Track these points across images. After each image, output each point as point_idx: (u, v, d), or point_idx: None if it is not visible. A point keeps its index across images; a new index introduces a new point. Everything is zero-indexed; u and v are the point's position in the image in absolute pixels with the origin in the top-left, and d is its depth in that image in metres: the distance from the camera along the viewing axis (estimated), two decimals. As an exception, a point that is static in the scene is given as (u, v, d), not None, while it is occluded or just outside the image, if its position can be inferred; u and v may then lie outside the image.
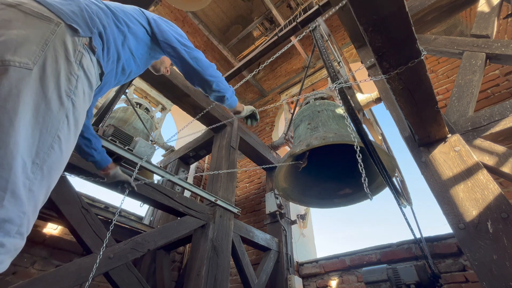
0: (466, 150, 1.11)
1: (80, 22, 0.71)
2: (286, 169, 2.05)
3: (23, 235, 0.56)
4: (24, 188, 0.55)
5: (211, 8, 5.96)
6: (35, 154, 0.58)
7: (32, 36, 0.60)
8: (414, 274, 1.87)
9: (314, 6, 2.01)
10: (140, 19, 1.04)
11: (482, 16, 1.58)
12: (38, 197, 0.59)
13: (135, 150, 2.00)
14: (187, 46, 1.14)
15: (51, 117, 0.61)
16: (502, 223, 0.91)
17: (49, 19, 0.64)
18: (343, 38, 5.15)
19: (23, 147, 0.55)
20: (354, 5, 0.76)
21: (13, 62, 0.55)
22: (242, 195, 4.21)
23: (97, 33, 0.78)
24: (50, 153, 0.61)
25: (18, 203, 0.54)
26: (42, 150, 0.59)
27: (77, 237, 1.51)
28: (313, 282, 2.86)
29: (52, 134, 0.61)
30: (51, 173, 0.62)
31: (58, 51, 0.64)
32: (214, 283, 1.88)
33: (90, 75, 0.74)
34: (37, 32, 0.61)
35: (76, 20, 0.71)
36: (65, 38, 0.66)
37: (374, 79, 1.30)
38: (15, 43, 0.57)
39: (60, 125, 0.63)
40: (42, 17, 0.63)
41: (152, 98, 3.59)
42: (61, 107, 0.63)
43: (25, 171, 0.55)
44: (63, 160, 0.67)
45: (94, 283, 2.66)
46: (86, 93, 0.73)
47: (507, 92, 2.45)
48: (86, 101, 0.74)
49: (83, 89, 0.71)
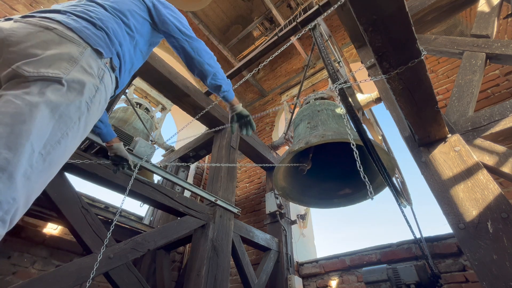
0: (466, 150, 1.11)
1: (103, 45, 0.84)
2: (285, 168, 2.05)
3: (5, 223, 0.54)
4: (23, 175, 0.57)
5: (211, 8, 5.96)
6: (43, 145, 0.62)
7: (65, 55, 0.72)
8: (414, 274, 1.87)
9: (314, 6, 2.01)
10: (142, 13, 1.08)
11: (482, 16, 1.58)
12: (33, 188, 0.61)
13: (135, 150, 2.00)
14: (188, 35, 1.17)
15: (66, 116, 0.68)
16: (502, 223, 0.91)
17: (79, 43, 0.77)
18: (343, 38, 5.15)
19: (35, 136, 0.60)
20: (354, 5, 0.76)
21: (47, 73, 0.66)
22: (242, 195, 4.21)
23: (116, 53, 0.90)
24: (56, 147, 0.66)
25: (12, 187, 0.54)
26: (50, 143, 0.64)
27: (77, 237, 1.51)
28: (313, 282, 2.86)
29: (63, 130, 0.68)
30: (51, 166, 0.65)
31: (85, 68, 0.76)
32: (214, 283, 1.88)
33: (107, 89, 0.86)
34: (68, 52, 0.73)
35: (101, 45, 0.84)
36: (90, 58, 0.79)
37: (374, 79, 1.30)
38: (50, 60, 0.68)
39: (71, 124, 0.70)
40: (73, 40, 0.76)
41: (152, 98, 3.59)
42: (79, 110, 0.72)
43: (30, 159, 0.59)
44: (65, 157, 0.71)
45: (94, 283, 2.66)
46: (101, 104, 0.83)
47: (507, 92, 2.45)
48: (99, 110, 0.84)
49: (100, 100, 0.82)
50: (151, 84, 2.42)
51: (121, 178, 1.74)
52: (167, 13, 1.14)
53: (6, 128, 0.56)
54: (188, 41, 1.16)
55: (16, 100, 0.60)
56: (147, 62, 2.16)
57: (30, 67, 0.65)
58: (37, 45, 0.69)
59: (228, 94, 1.32)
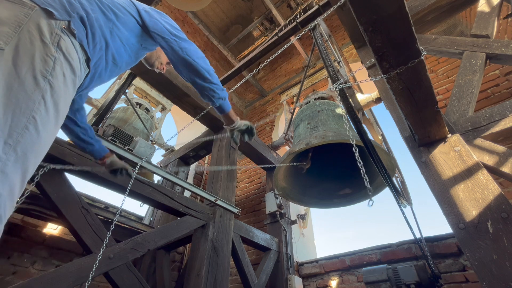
0: (466, 150, 1.11)
1: (56, 6, 0.71)
2: (285, 169, 2.05)
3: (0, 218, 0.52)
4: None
5: (211, 8, 5.96)
6: (7, 134, 0.56)
7: (5, 19, 0.60)
8: (414, 274, 1.87)
9: (314, 6, 2.01)
10: (130, 9, 1.03)
11: (482, 16, 1.58)
12: (13, 180, 0.57)
13: (135, 150, 2.00)
14: (178, 36, 1.11)
15: (24, 98, 0.59)
16: (502, 223, 0.91)
17: (23, 2, 0.64)
18: (343, 38, 5.15)
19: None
20: (354, 5, 0.76)
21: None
22: (242, 195, 4.21)
23: (78, 18, 0.77)
24: (24, 134, 0.59)
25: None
26: (15, 130, 0.57)
27: (77, 237, 1.51)
28: (313, 282, 2.86)
29: (27, 114, 0.59)
30: (26, 155, 0.59)
31: (32, 33, 0.63)
32: (214, 283, 1.88)
33: (71, 59, 0.73)
34: (10, 15, 0.61)
35: (52, 4, 0.70)
36: (39, 21, 0.66)
37: (374, 79, 1.30)
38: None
39: (35, 106, 0.61)
40: (16, 1, 0.63)
41: (152, 98, 3.58)
42: (36, 87, 0.62)
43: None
44: (42, 142, 0.65)
45: (94, 283, 2.66)
46: (67, 77, 0.71)
47: (507, 92, 2.45)
48: (68, 85, 0.72)
49: (63, 72, 0.70)
50: (151, 84, 2.42)
51: (121, 178, 1.74)
52: (159, 17, 1.11)
53: None
54: (177, 40, 1.09)
55: None
56: (147, 62, 2.16)
57: None
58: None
59: (224, 103, 1.20)
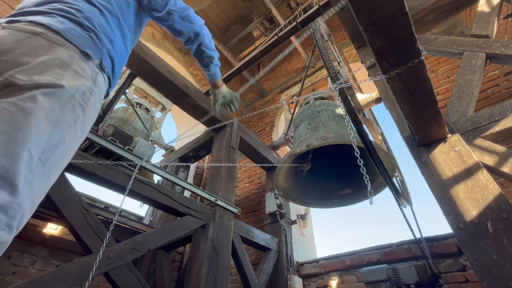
0: (466, 150, 1.11)
1: (91, 46, 0.83)
2: (286, 169, 2.06)
3: (12, 229, 0.55)
4: (24, 182, 0.58)
5: (211, 8, 5.96)
6: (41, 150, 0.63)
7: (56, 60, 0.72)
8: (414, 274, 1.87)
9: (314, 6, 2.01)
10: None
11: (482, 16, 1.58)
12: (36, 193, 0.62)
13: (135, 150, 2.00)
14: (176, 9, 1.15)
15: (62, 121, 0.70)
16: (502, 223, 0.91)
17: (69, 46, 0.76)
18: (343, 38, 5.15)
19: (32, 143, 0.61)
20: (354, 5, 0.76)
21: (40, 80, 0.66)
22: (242, 195, 4.21)
23: (106, 53, 0.89)
24: (54, 152, 0.67)
25: (15, 194, 0.55)
26: (48, 148, 0.65)
27: (77, 237, 1.51)
28: (313, 282, 2.86)
29: (60, 135, 0.69)
30: (51, 170, 0.67)
31: (77, 71, 0.76)
32: (214, 283, 1.88)
33: (101, 90, 0.86)
34: (59, 57, 0.73)
35: (89, 45, 0.82)
36: (82, 61, 0.79)
37: (374, 79, 1.30)
38: (42, 67, 0.69)
39: (68, 128, 0.72)
40: (62, 44, 0.75)
41: (152, 98, 3.58)
42: (73, 113, 0.73)
43: (29, 165, 0.60)
44: (64, 161, 0.72)
45: (94, 283, 2.66)
46: (96, 106, 0.84)
47: (507, 92, 2.45)
48: (95, 113, 0.85)
49: (95, 102, 0.82)
50: (151, 84, 2.42)
51: (121, 178, 1.74)
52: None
53: (3, 136, 0.57)
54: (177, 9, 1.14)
55: (11, 108, 0.61)
56: (147, 62, 2.16)
57: (23, 75, 0.65)
58: (27, 53, 0.69)
59: (218, 70, 1.29)
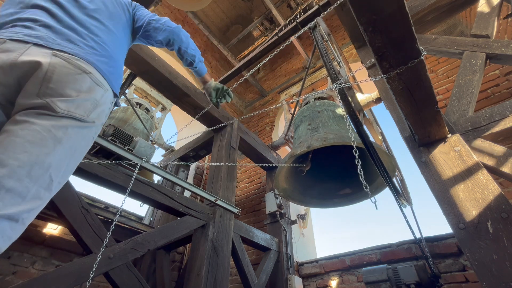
0: (466, 150, 1.11)
1: (116, 87, 0.98)
2: (286, 170, 2.06)
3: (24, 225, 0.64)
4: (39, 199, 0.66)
5: (211, 8, 5.96)
6: (61, 175, 0.73)
7: (92, 99, 0.83)
8: (414, 274, 1.87)
9: (314, 6, 2.01)
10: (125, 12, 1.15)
11: (482, 16, 1.58)
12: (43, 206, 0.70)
13: (135, 150, 2.00)
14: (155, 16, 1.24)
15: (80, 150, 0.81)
16: (502, 223, 0.91)
17: (106, 88, 0.90)
18: (343, 38, 5.15)
19: (54, 169, 0.70)
20: (354, 5, 0.76)
21: (74, 113, 0.76)
22: (242, 195, 4.21)
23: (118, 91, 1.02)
24: (69, 175, 0.78)
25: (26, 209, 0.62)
26: (66, 174, 0.75)
27: (77, 237, 1.51)
28: (313, 282, 2.86)
29: (77, 161, 0.80)
30: (60, 184, 0.76)
31: (103, 109, 0.89)
32: (214, 283, 1.88)
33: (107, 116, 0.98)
34: (95, 96, 0.84)
35: (116, 86, 0.97)
36: (108, 100, 0.92)
37: (374, 79, 1.30)
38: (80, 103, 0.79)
39: (83, 153, 0.84)
40: (102, 85, 0.87)
41: (152, 98, 3.58)
42: (88, 144, 0.85)
43: (49, 187, 0.69)
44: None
45: (94, 283, 2.66)
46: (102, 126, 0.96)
47: (507, 92, 2.45)
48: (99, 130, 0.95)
49: (102, 124, 0.95)
50: (151, 84, 2.42)
51: (121, 178, 1.74)
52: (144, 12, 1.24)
53: (31, 157, 0.64)
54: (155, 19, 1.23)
55: (44, 132, 0.68)
56: (147, 62, 2.16)
57: (63, 105, 0.74)
58: (74, 88, 0.78)
59: (202, 65, 1.39)
